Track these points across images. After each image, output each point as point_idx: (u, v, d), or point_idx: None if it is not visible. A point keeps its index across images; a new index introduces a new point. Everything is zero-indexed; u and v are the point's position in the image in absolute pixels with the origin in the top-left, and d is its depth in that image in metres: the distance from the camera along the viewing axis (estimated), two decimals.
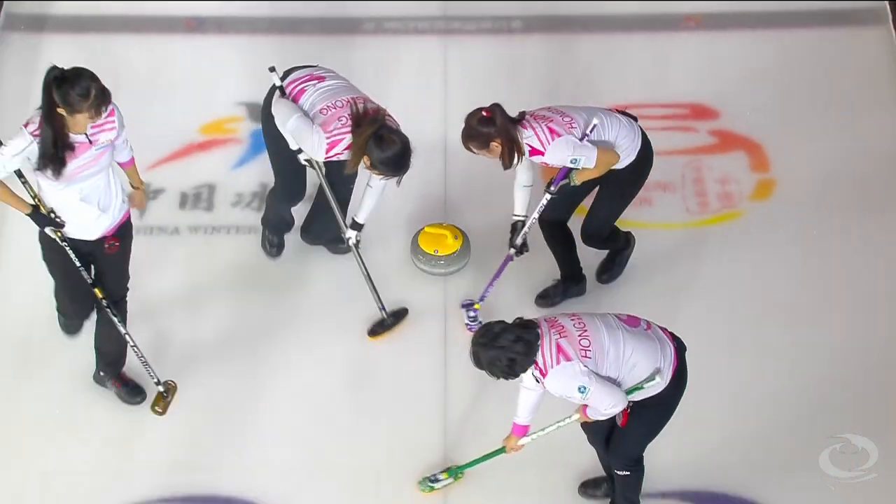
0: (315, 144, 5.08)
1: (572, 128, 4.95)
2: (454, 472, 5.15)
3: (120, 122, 4.73)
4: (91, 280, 5.01)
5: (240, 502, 5.10)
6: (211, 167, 6.18)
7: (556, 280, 5.59)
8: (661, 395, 4.62)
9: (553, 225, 5.40)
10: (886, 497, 5.27)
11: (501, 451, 4.88)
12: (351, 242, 5.41)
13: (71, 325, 5.46)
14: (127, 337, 5.11)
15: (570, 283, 5.59)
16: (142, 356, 5.13)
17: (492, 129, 4.90)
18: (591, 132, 4.95)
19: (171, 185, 6.06)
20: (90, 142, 4.64)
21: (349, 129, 5.04)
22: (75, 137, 4.61)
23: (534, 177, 5.20)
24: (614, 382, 4.52)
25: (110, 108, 4.61)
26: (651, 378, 4.48)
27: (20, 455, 5.14)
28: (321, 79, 5.23)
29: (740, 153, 6.21)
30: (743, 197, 6.03)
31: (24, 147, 4.68)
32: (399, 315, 5.65)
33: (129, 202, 5.05)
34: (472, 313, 5.57)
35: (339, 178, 5.37)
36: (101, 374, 5.38)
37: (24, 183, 4.80)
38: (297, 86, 5.22)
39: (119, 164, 4.91)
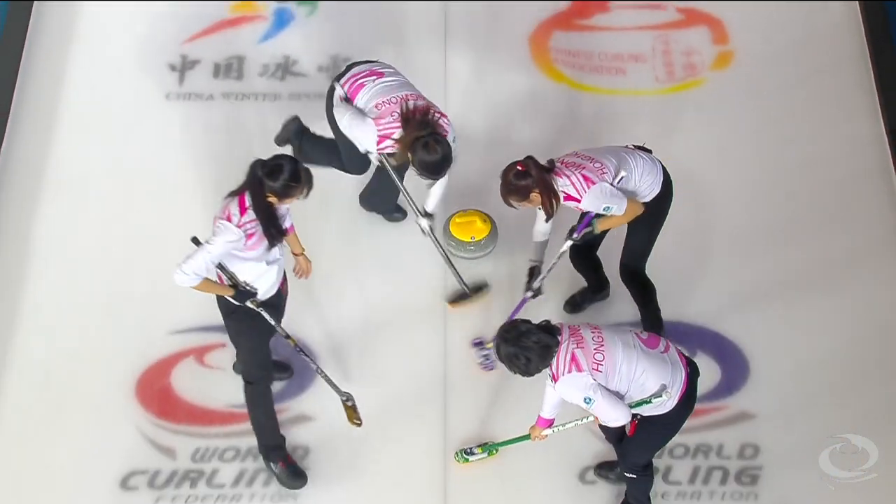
0: (368, 137, 5.23)
1: (604, 174, 4.90)
2: (489, 448, 5.19)
3: None
4: (286, 333, 4.99)
5: None
6: (240, 41, 6.62)
7: (582, 288, 5.61)
8: (667, 415, 4.63)
9: (582, 252, 5.39)
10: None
11: (527, 437, 4.93)
12: (425, 230, 5.49)
13: (264, 395, 5.13)
14: (315, 366, 5.12)
15: (596, 290, 5.61)
16: (324, 374, 5.13)
17: (529, 181, 4.87)
18: (619, 183, 4.93)
19: (205, 56, 6.54)
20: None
21: (400, 124, 5.18)
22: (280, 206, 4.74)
23: (551, 229, 5.19)
24: (621, 396, 4.54)
25: None
26: (658, 394, 4.51)
27: None
28: (380, 75, 5.35)
29: (703, 28, 6.61)
30: (705, 67, 6.48)
31: (235, 240, 4.69)
32: (479, 288, 5.69)
33: (296, 272, 5.14)
34: (484, 351, 5.52)
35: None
36: (265, 454, 5.24)
37: (222, 269, 4.75)
38: (356, 80, 5.34)
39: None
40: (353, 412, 5.19)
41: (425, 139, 5.09)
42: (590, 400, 4.47)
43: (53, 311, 5.66)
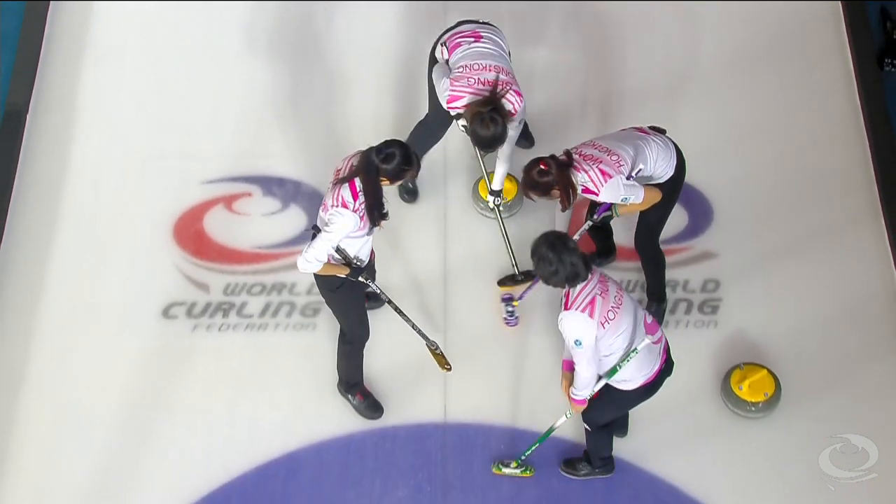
0: (442, 93, 5.40)
1: (620, 166, 5.01)
2: (525, 468, 5.39)
3: None
4: (387, 297, 5.27)
5: None
6: None
7: (591, 253, 5.71)
8: (626, 392, 4.87)
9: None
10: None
11: (551, 431, 5.19)
12: (493, 205, 5.75)
13: (360, 351, 5.46)
14: (397, 308, 5.33)
15: (604, 255, 5.86)
16: (413, 324, 5.37)
17: (550, 179, 5.01)
18: (636, 174, 5.06)
19: None
20: None
21: (472, 91, 5.30)
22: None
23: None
24: (601, 357, 4.74)
25: None
26: (627, 357, 4.72)
27: None
28: (478, 38, 5.46)
29: None
30: None
31: (355, 224, 4.86)
32: (529, 275, 5.74)
33: None
34: (510, 308, 5.77)
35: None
36: (345, 389, 5.59)
37: (337, 250, 4.91)
38: (456, 39, 5.47)
39: None
40: (441, 358, 5.49)
41: (483, 115, 5.19)
42: (580, 343, 4.67)
43: (99, 166, 6.28)
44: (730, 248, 5.95)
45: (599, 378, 4.82)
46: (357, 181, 4.80)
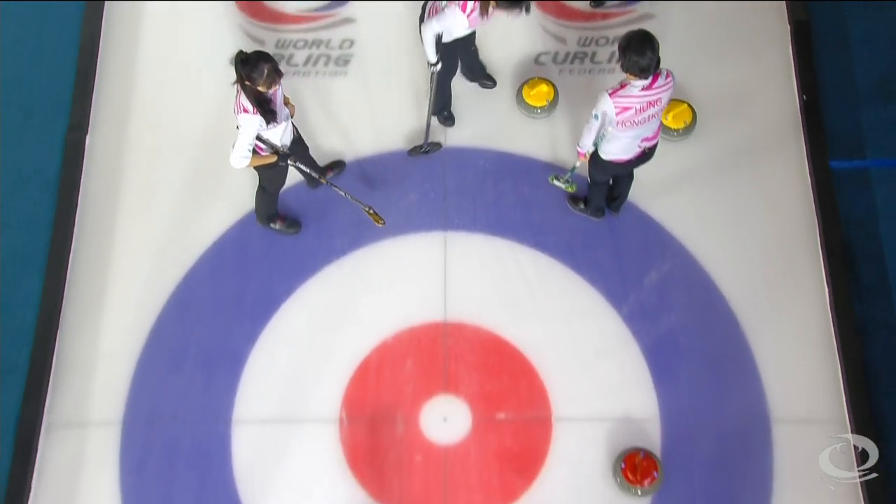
0: (455, 17, 6.14)
1: None
2: (570, 184, 6.64)
3: None
4: (317, 173, 6.38)
5: None
6: None
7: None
8: (605, 161, 6.17)
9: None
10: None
11: (574, 169, 6.45)
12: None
13: (275, 214, 6.70)
14: (331, 184, 6.43)
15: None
16: (347, 194, 6.43)
17: None
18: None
19: None
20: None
21: None
22: (267, 94, 5.76)
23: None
24: (599, 133, 5.93)
25: None
26: (605, 136, 5.95)
27: None
28: None
29: None
30: None
31: (257, 124, 5.77)
32: (435, 145, 7.02)
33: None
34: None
35: (467, 52, 6.80)
36: (266, 221, 6.72)
37: (265, 142, 5.92)
38: None
39: None
40: (376, 216, 6.56)
41: None
42: (596, 118, 5.90)
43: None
44: None
45: (596, 148, 6.21)
46: (241, 92, 5.75)
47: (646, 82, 5.72)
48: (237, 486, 6.38)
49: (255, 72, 5.60)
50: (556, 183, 6.76)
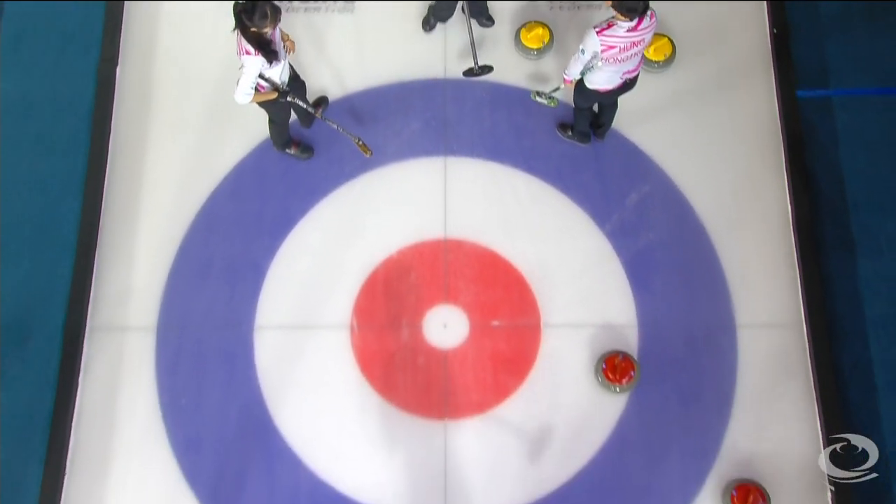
0: None
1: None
2: (551, 100, 6.78)
3: None
4: (312, 108, 6.48)
5: None
6: None
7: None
8: (589, 89, 6.35)
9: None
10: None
11: (556, 89, 6.61)
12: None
13: (289, 141, 6.89)
14: (324, 118, 6.56)
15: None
16: (340, 127, 6.58)
17: None
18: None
19: None
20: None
21: None
22: (266, 34, 5.84)
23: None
24: (586, 67, 6.08)
25: None
26: (591, 67, 6.11)
27: None
28: None
29: None
30: None
31: (259, 64, 5.85)
32: (486, 68, 7.09)
33: (289, 52, 6.30)
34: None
35: None
36: (282, 146, 6.88)
37: (267, 80, 6.03)
38: None
39: None
40: (364, 147, 6.69)
41: None
42: (583, 52, 6.06)
43: None
44: None
45: (582, 76, 6.44)
46: (241, 37, 5.86)
47: (632, 24, 5.87)
48: (260, 384, 6.79)
49: (256, 15, 5.73)
50: (539, 100, 6.93)
